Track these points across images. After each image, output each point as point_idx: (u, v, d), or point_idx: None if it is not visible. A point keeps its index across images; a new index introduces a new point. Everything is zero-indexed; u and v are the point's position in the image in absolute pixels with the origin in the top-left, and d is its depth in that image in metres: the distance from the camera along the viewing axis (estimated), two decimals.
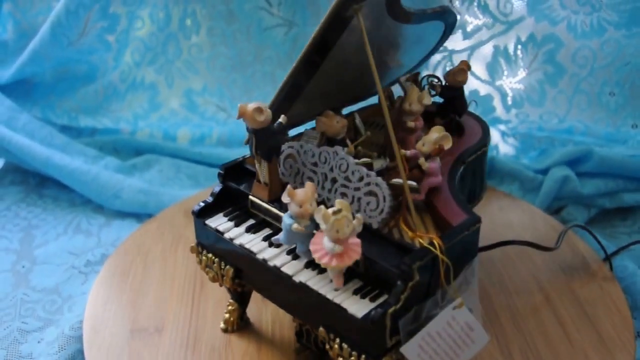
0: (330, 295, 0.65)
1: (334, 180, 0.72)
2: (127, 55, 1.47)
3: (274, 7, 1.40)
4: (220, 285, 0.82)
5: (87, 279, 1.08)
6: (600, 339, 0.84)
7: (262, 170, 0.75)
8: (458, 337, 0.67)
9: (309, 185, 0.67)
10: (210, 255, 0.81)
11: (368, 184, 0.68)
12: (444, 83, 0.94)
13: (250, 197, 0.78)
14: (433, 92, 0.94)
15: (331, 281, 0.67)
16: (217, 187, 0.81)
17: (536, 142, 1.39)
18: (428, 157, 0.74)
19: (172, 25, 1.43)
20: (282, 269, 0.70)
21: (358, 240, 0.64)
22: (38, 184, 1.39)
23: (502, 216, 1.14)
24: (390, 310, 0.61)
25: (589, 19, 1.29)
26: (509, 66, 1.38)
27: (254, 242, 0.75)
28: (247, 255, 0.74)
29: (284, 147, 0.77)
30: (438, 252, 0.62)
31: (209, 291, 0.94)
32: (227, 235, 0.76)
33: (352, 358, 0.64)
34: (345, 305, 0.64)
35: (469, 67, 0.93)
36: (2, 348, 0.93)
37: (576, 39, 1.31)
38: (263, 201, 0.76)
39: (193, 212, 0.80)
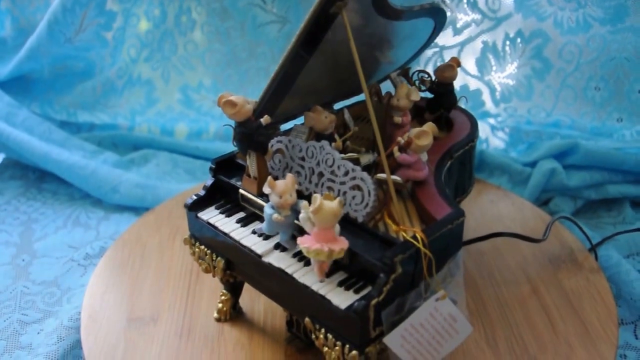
0: (316, 286, 0.65)
1: (321, 175, 0.71)
2: (123, 51, 1.45)
3: (267, 4, 1.39)
4: (214, 276, 0.82)
5: (86, 272, 1.07)
6: (584, 329, 0.84)
7: (251, 164, 0.75)
8: (441, 327, 0.66)
9: (289, 177, 0.67)
10: (202, 247, 0.81)
11: (353, 178, 0.68)
12: (434, 79, 0.94)
13: (240, 190, 0.78)
14: (423, 87, 0.94)
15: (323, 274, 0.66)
16: (209, 181, 0.82)
17: (524, 135, 1.39)
18: (402, 148, 0.73)
19: (167, 22, 1.42)
20: (271, 261, 0.70)
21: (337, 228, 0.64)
22: (37, 178, 1.38)
23: (492, 208, 1.14)
24: (373, 302, 0.61)
25: (575, 15, 1.28)
26: (497, 61, 1.37)
27: (243, 235, 0.75)
28: (236, 247, 0.74)
29: (273, 141, 0.76)
30: (420, 246, 0.62)
31: (204, 282, 0.94)
32: (217, 228, 0.77)
33: (337, 348, 0.64)
34: (329, 296, 0.64)
35: (458, 64, 0.92)
36: (2, 339, 0.92)
37: (562, 35, 1.30)
38: (252, 194, 0.76)
39: (185, 205, 0.80)
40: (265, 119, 0.72)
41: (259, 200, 0.75)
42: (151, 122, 1.51)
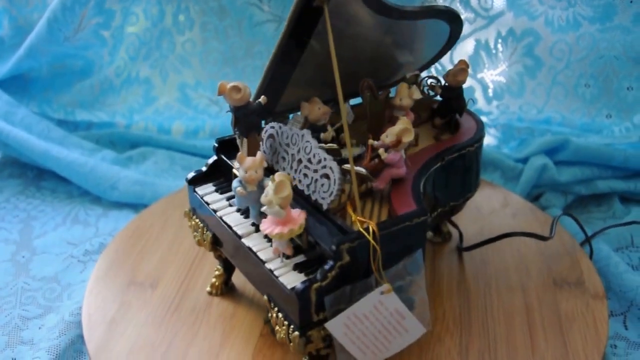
0: (273, 265, 0.67)
1: (300, 162, 0.73)
2: (122, 50, 1.45)
3: (264, 3, 1.39)
4: (208, 250, 0.85)
5: (85, 267, 1.07)
6: (565, 354, 0.79)
7: (242, 146, 0.77)
8: (388, 323, 0.66)
9: (258, 154, 0.71)
10: (197, 220, 0.84)
11: (324, 167, 0.69)
12: (443, 83, 0.90)
13: (233, 170, 0.79)
14: (432, 93, 0.92)
15: (280, 254, 0.69)
16: (212, 159, 0.85)
17: (516, 132, 1.40)
18: (388, 148, 0.73)
19: (165, 21, 1.42)
20: (243, 238, 0.72)
21: (298, 210, 0.66)
22: (36, 176, 1.37)
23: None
24: (315, 285, 0.61)
25: (565, 14, 1.29)
26: (489, 59, 1.38)
27: (227, 212, 0.78)
28: (219, 223, 0.77)
29: (267, 127, 0.78)
30: (370, 237, 0.62)
31: (207, 262, 0.97)
32: (207, 203, 0.79)
33: (284, 327, 0.65)
34: (280, 276, 0.65)
35: (467, 66, 0.89)
36: (4, 334, 0.92)
37: (553, 33, 1.31)
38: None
39: (186, 179, 0.84)
40: (263, 99, 0.75)
41: None
42: (148, 120, 1.51)
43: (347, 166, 0.69)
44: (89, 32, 1.37)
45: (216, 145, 0.84)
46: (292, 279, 0.65)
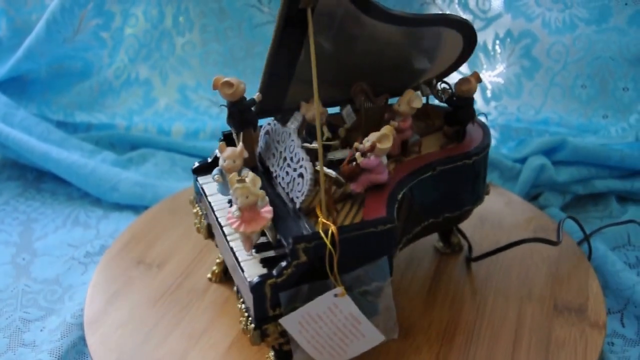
0: (241, 257, 0.69)
1: (285, 159, 0.74)
2: (121, 52, 1.44)
3: (264, 4, 1.39)
4: (205, 238, 0.87)
5: (86, 269, 1.06)
6: None
7: (238, 140, 0.79)
8: (343, 326, 0.65)
9: (239, 146, 0.74)
10: (199, 209, 0.87)
11: (301, 166, 0.70)
12: (453, 91, 0.88)
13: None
14: (444, 97, 0.90)
15: (251, 247, 0.70)
16: (217, 150, 0.87)
17: (514, 133, 1.40)
18: (364, 153, 0.72)
19: (165, 22, 1.41)
20: (225, 227, 0.74)
21: (270, 209, 0.67)
22: (36, 178, 1.36)
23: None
24: (270, 281, 0.62)
25: (562, 16, 1.30)
26: (488, 60, 1.39)
27: (218, 201, 0.80)
28: (210, 209, 0.80)
29: (265, 123, 0.79)
30: (326, 240, 0.62)
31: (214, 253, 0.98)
32: (205, 192, 0.82)
33: (244, 318, 0.67)
34: (245, 268, 0.67)
35: (478, 79, 0.85)
36: (5, 337, 0.91)
37: (550, 35, 1.32)
38: None
39: (192, 169, 0.86)
40: (257, 96, 0.76)
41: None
42: (148, 121, 1.50)
43: (318, 167, 0.69)
44: (88, 34, 1.36)
45: (222, 138, 0.85)
46: (253, 272, 0.66)
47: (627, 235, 1.11)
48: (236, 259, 0.69)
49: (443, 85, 0.90)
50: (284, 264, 0.63)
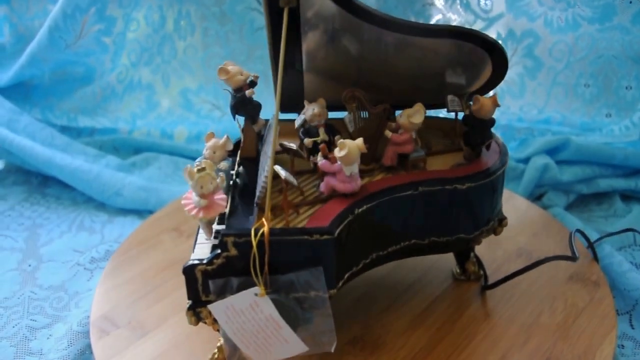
0: (200, 239, 0.70)
1: (265, 157, 0.75)
2: (123, 56, 1.43)
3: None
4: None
5: (92, 275, 1.05)
6: None
7: (241, 130, 0.82)
8: (265, 326, 0.65)
9: (224, 137, 0.75)
10: None
11: (266, 167, 0.70)
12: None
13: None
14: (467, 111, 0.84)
15: (212, 232, 0.71)
16: None
17: (517, 132, 1.39)
18: (325, 156, 0.72)
19: (167, 26, 1.40)
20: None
21: (224, 196, 0.68)
22: (40, 183, 1.35)
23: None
24: (200, 267, 0.64)
25: (564, 15, 1.28)
26: None
27: None
28: None
29: (270, 119, 0.80)
30: (252, 238, 0.62)
31: None
32: None
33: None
34: (196, 250, 0.68)
35: (495, 103, 0.78)
36: (12, 345, 0.90)
37: (553, 34, 1.30)
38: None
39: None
40: (249, 92, 0.78)
41: (237, 162, 0.81)
42: (151, 125, 1.49)
43: (276, 167, 0.67)
44: (91, 39, 1.35)
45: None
46: (196, 256, 0.67)
47: (632, 236, 1.09)
48: (194, 240, 0.71)
49: (470, 102, 0.84)
50: (214, 253, 0.64)
